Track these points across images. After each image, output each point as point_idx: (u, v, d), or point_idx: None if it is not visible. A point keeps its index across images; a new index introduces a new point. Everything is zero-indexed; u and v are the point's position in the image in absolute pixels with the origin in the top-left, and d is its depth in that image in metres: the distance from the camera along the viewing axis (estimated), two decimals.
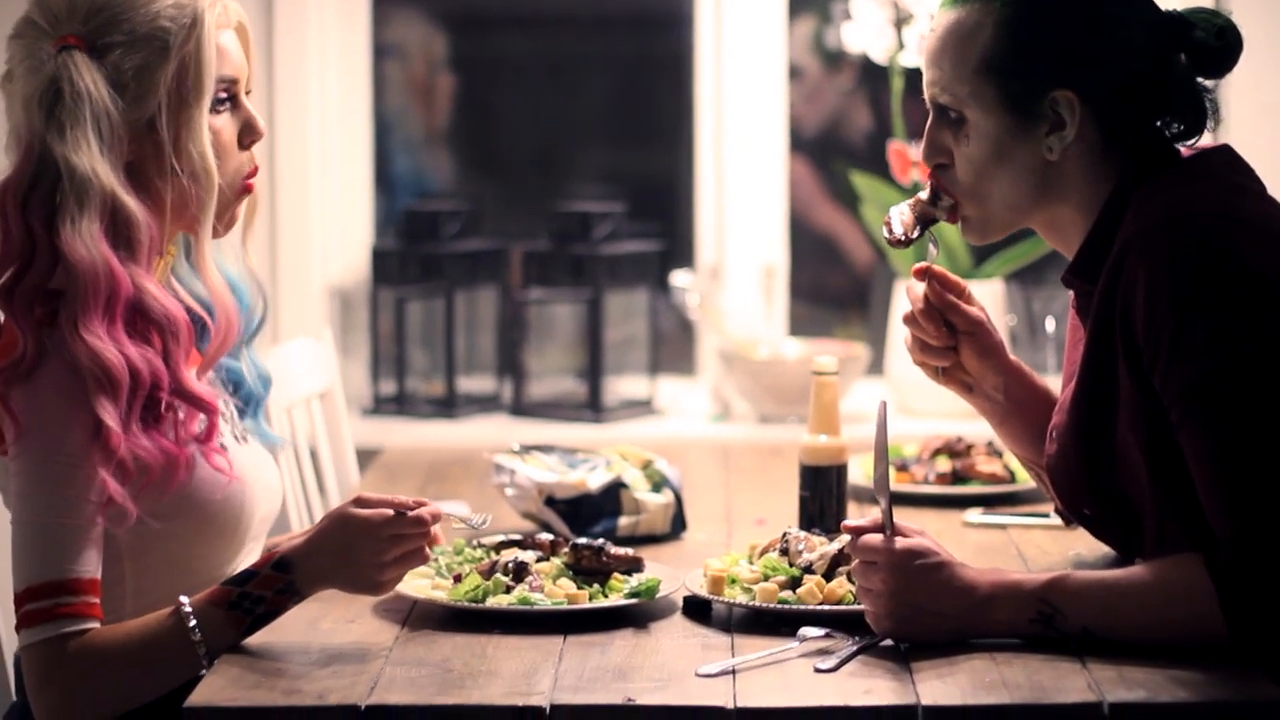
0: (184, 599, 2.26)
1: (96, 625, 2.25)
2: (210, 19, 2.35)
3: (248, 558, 2.46)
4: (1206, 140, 2.40)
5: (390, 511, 2.29)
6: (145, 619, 2.28)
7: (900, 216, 2.49)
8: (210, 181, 2.34)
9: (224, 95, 2.38)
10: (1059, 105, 2.33)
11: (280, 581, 2.28)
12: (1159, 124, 2.38)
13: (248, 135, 2.42)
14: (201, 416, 2.35)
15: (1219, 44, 2.35)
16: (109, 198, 2.28)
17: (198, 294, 2.44)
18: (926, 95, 2.41)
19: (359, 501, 2.31)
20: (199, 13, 2.34)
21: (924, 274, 2.52)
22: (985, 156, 2.37)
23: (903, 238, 2.48)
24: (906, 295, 2.55)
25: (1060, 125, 2.34)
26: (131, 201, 2.30)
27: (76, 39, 2.31)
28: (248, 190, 2.43)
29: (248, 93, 2.43)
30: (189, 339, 2.35)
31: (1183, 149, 2.39)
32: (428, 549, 2.32)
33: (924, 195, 2.47)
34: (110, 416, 2.23)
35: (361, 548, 2.28)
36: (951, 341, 2.54)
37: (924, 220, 2.48)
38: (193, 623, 2.25)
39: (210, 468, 2.36)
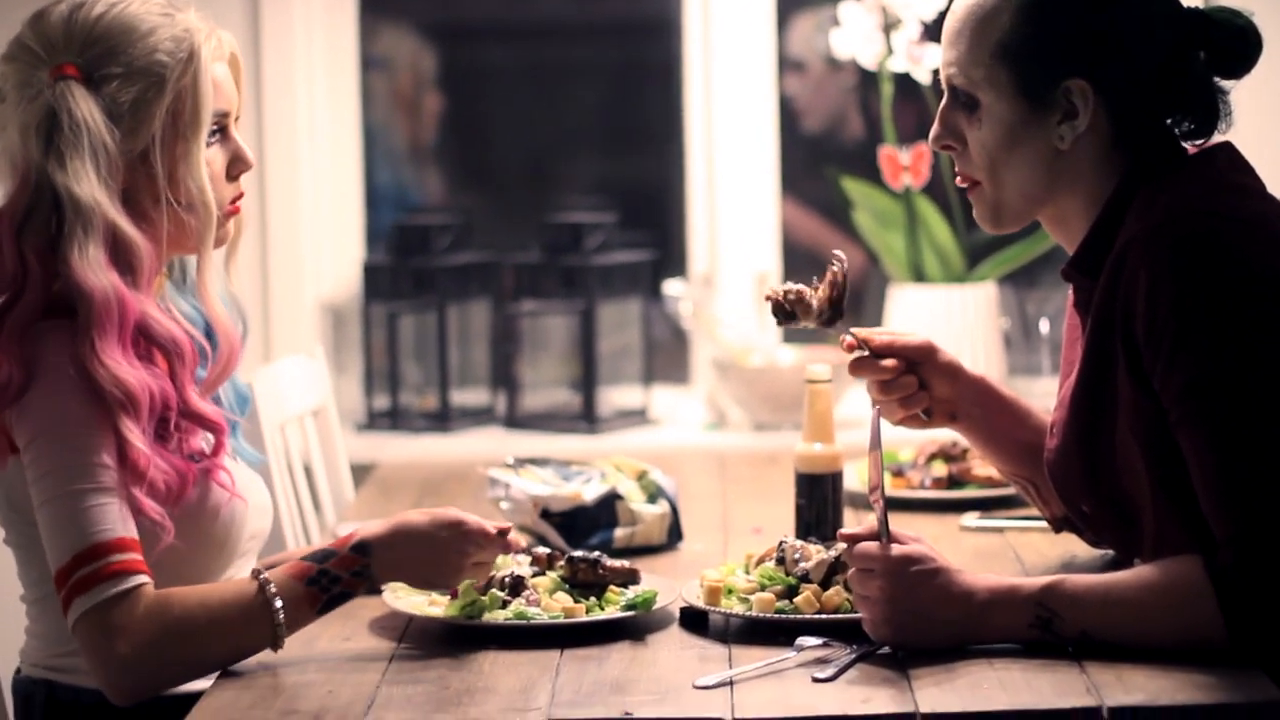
0: (260, 568, 2.27)
1: (149, 581, 2.22)
2: (207, 53, 2.35)
3: (236, 573, 2.46)
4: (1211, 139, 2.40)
5: (486, 524, 2.36)
6: (220, 585, 2.28)
7: (815, 297, 2.50)
8: (209, 213, 2.36)
9: (215, 128, 2.39)
10: (1073, 94, 2.33)
11: (357, 564, 2.30)
12: (1170, 121, 2.37)
13: (236, 166, 2.43)
14: (206, 435, 2.36)
15: (1240, 43, 2.35)
16: (111, 225, 2.29)
17: (186, 314, 2.45)
18: (942, 76, 2.41)
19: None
20: (195, 47, 2.34)
21: (854, 345, 2.55)
22: (997, 142, 2.36)
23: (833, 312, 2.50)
24: (853, 375, 2.57)
25: (1073, 114, 2.33)
26: (131, 228, 2.31)
27: (73, 69, 2.31)
28: (234, 213, 2.44)
29: (236, 120, 2.43)
30: (193, 361, 2.36)
31: (1189, 147, 2.38)
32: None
33: (798, 289, 2.49)
34: (135, 437, 2.24)
35: (448, 544, 2.33)
36: (915, 382, 2.57)
37: (836, 301, 2.49)
38: (273, 589, 2.25)
39: (215, 484, 2.37)
